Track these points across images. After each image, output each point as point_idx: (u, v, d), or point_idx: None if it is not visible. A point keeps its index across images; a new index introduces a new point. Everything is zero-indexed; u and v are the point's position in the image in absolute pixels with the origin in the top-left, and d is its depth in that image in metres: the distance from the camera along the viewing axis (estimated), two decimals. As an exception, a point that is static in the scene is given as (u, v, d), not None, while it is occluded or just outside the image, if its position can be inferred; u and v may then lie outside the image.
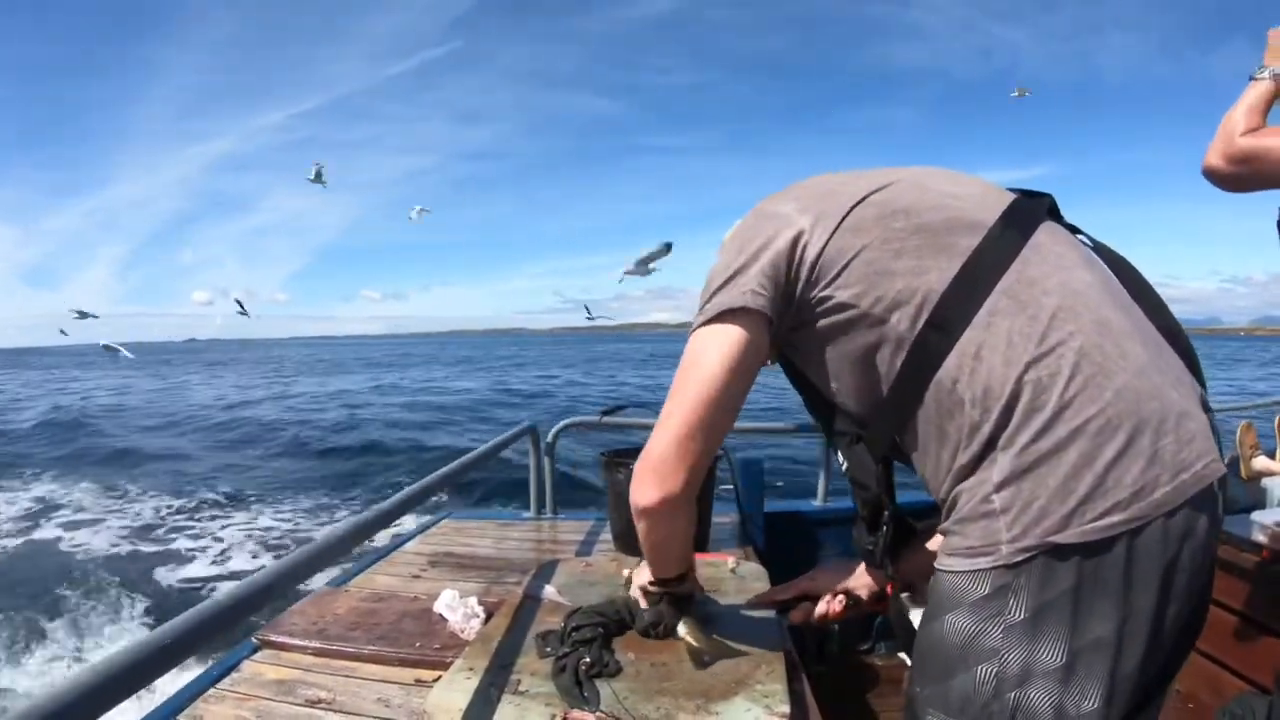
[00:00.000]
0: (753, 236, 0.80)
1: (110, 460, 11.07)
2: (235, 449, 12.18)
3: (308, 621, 1.38)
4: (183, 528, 7.16)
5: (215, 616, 0.74)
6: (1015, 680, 0.66)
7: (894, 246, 0.73)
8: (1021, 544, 0.65)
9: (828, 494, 2.52)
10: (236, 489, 8.77)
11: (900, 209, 0.76)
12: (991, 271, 0.71)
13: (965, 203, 0.77)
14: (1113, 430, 0.64)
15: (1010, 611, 0.66)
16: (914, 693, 0.77)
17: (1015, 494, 0.65)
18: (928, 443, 0.74)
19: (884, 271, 0.73)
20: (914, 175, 0.82)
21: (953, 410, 0.70)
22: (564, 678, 0.94)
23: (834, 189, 0.81)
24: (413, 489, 1.33)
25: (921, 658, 0.76)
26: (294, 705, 1.11)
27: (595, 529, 2.16)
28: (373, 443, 11.81)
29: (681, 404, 0.79)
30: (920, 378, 0.71)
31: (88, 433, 13.94)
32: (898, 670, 2.19)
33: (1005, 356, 0.67)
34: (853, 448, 0.84)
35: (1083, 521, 0.63)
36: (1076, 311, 0.68)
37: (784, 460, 6.67)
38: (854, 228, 0.76)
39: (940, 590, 0.73)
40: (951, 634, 0.70)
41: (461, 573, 1.79)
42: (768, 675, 0.96)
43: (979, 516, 0.68)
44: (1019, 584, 0.65)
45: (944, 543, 0.73)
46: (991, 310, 0.69)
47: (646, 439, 0.85)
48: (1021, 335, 0.67)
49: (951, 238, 0.73)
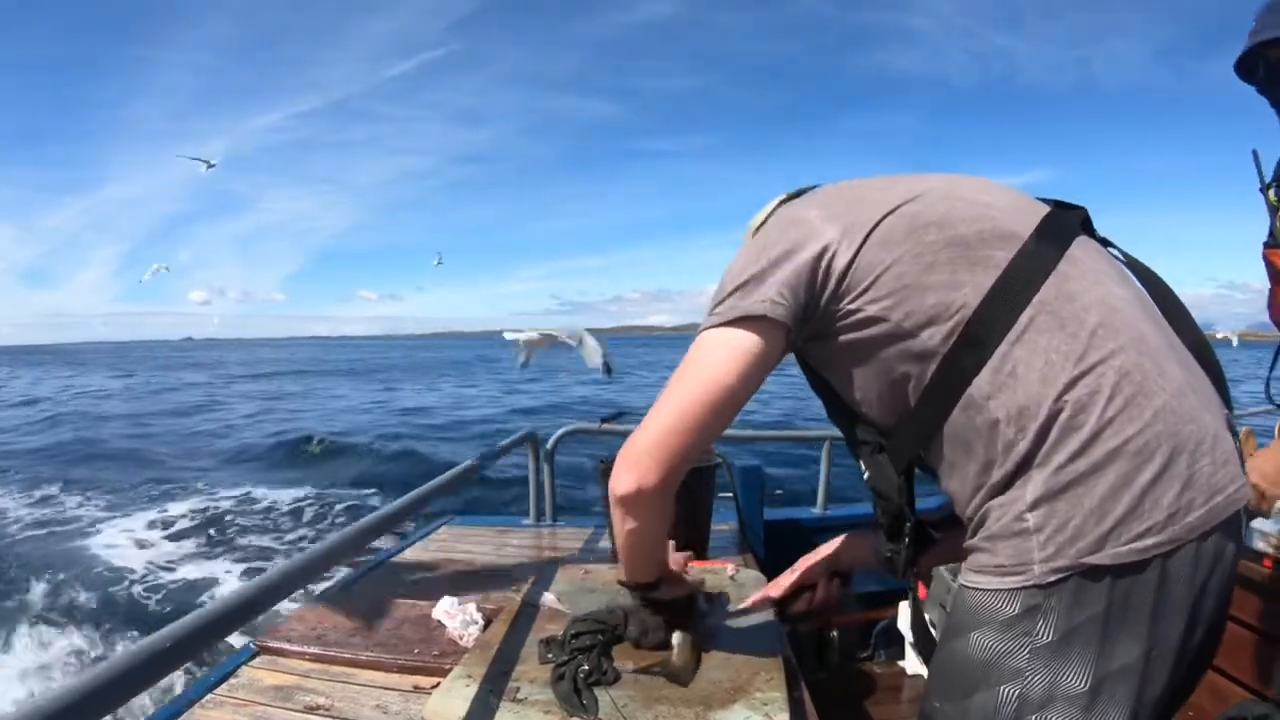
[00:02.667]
0: (776, 241, 0.77)
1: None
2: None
3: (306, 627, 1.38)
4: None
5: (214, 622, 0.74)
6: (1038, 704, 0.65)
7: (926, 260, 0.71)
8: (1055, 564, 0.63)
9: (828, 502, 2.51)
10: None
11: (932, 221, 0.73)
12: (1027, 286, 0.69)
13: (999, 213, 0.74)
14: (1151, 452, 0.62)
15: (1039, 633, 0.65)
16: (931, 708, 0.75)
17: (1050, 513, 0.64)
18: (955, 457, 0.72)
19: (915, 286, 0.71)
20: (946, 184, 0.79)
21: (984, 427, 0.68)
22: (563, 685, 0.93)
23: (862, 197, 0.78)
24: (413, 495, 1.33)
25: (941, 674, 0.75)
26: (292, 711, 1.11)
27: (595, 536, 2.16)
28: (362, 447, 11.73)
29: (678, 401, 0.77)
30: (951, 393, 0.70)
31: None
32: (897, 678, 2.18)
33: (1042, 374, 0.65)
34: (875, 457, 0.82)
35: (1118, 543, 0.62)
36: (1116, 329, 0.67)
37: (784, 468, 6.67)
38: (883, 240, 0.73)
39: (966, 607, 0.71)
40: (976, 652, 0.69)
41: (460, 579, 1.79)
42: (767, 683, 0.96)
43: (1011, 535, 0.66)
44: (1050, 605, 0.64)
45: (971, 559, 0.72)
46: (1028, 326, 0.67)
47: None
48: (1060, 353, 0.66)
49: (985, 250, 0.71)
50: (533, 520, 2.38)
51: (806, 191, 0.88)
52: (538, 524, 2.36)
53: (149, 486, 8.94)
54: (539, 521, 2.38)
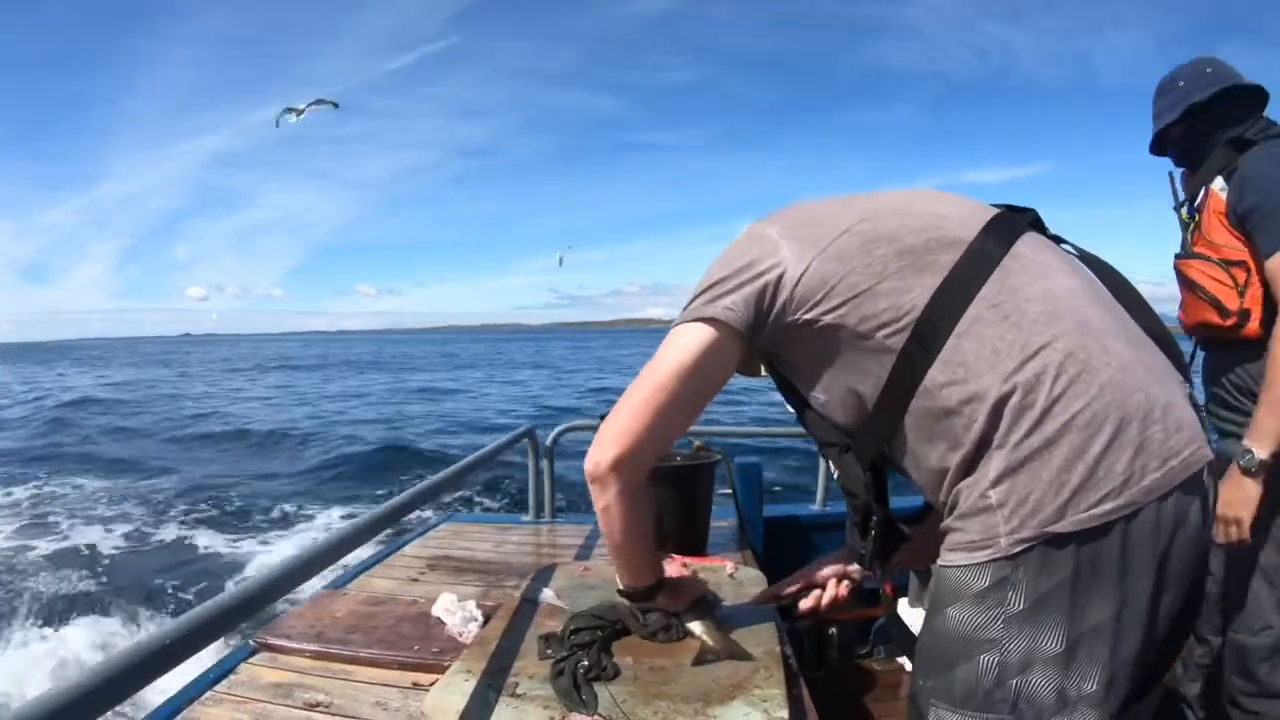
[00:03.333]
0: (738, 255, 0.85)
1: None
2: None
3: (305, 624, 1.38)
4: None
5: (213, 619, 0.74)
6: (1017, 668, 0.69)
7: (876, 270, 0.77)
8: (1019, 535, 0.68)
9: (827, 498, 2.52)
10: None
11: (882, 237, 0.79)
12: (971, 284, 0.74)
13: (948, 222, 0.80)
14: (1100, 423, 0.67)
15: (1010, 602, 0.69)
16: (917, 686, 0.80)
17: (1010, 488, 0.69)
18: (918, 448, 0.78)
19: (868, 292, 0.76)
20: (899, 201, 0.85)
21: (941, 416, 0.73)
22: (562, 681, 0.94)
23: (818, 218, 0.85)
24: (412, 492, 1.33)
25: (924, 652, 0.79)
26: (291, 708, 1.11)
27: (594, 533, 2.16)
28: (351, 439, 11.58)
29: (643, 388, 0.85)
30: (905, 389, 0.75)
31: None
32: (896, 675, 2.19)
33: (990, 362, 0.71)
34: (843, 457, 0.87)
35: (1078, 511, 0.66)
36: (1059, 315, 0.72)
37: (783, 465, 6.67)
38: (837, 255, 0.79)
39: (943, 585, 0.75)
40: (954, 626, 0.73)
41: (460, 576, 1.79)
42: (766, 680, 0.96)
43: (977, 512, 0.71)
44: (1018, 575, 0.69)
45: (947, 539, 0.76)
46: (974, 319, 0.73)
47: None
48: (1005, 341, 0.71)
49: (932, 256, 0.76)
50: (532, 517, 2.38)
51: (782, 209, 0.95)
52: (537, 521, 2.37)
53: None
54: (538, 518, 2.38)
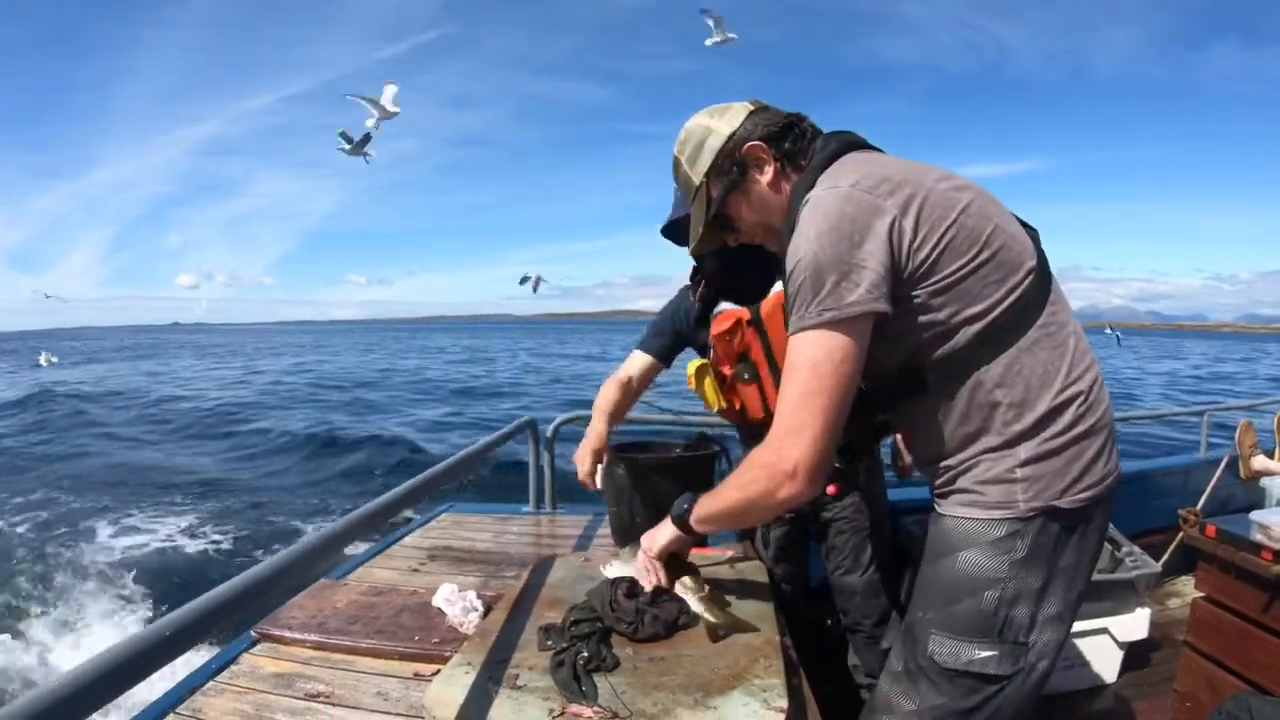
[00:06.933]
0: (859, 230, 0.85)
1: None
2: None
3: (306, 615, 1.38)
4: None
5: (214, 609, 0.74)
6: (1009, 601, 0.89)
7: (979, 274, 0.88)
8: (1033, 504, 0.89)
9: None
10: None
11: (984, 240, 0.88)
12: (1034, 310, 0.91)
13: (1015, 241, 0.92)
14: (1098, 435, 0.92)
15: (1017, 550, 0.89)
16: (915, 618, 0.96)
17: (1035, 471, 0.89)
18: (948, 419, 0.92)
19: (966, 293, 0.88)
20: (982, 203, 0.91)
21: (987, 406, 0.90)
22: (562, 672, 0.94)
23: (925, 182, 0.89)
24: (412, 483, 1.33)
25: (928, 589, 0.95)
26: (293, 698, 1.11)
27: (594, 524, 2.16)
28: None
29: (820, 410, 0.85)
30: (962, 375, 0.89)
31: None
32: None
33: (1041, 379, 0.89)
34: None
35: (1073, 494, 0.89)
36: (1085, 351, 0.94)
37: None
38: (952, 248, 0.87)
39: (954, 533, 0.92)
40: (965, 567, 0.91)
41: (460, 567, 1.80)
42: (766, 669, 0.96)
43: (1002, 481, 0.90)
44: (1026, 530, 0.89)
45: (957, 497, 0.93)
46: (1033, 340, 0.90)
47: (648, 434, 0.86)
48: (1054, 366, 0.90)
49: (1011, 275, 0.90)
50: (533, 508, 2.39)
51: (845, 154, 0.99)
52: (537, 511, 2.37)
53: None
54: (539, 509, 2.38)
